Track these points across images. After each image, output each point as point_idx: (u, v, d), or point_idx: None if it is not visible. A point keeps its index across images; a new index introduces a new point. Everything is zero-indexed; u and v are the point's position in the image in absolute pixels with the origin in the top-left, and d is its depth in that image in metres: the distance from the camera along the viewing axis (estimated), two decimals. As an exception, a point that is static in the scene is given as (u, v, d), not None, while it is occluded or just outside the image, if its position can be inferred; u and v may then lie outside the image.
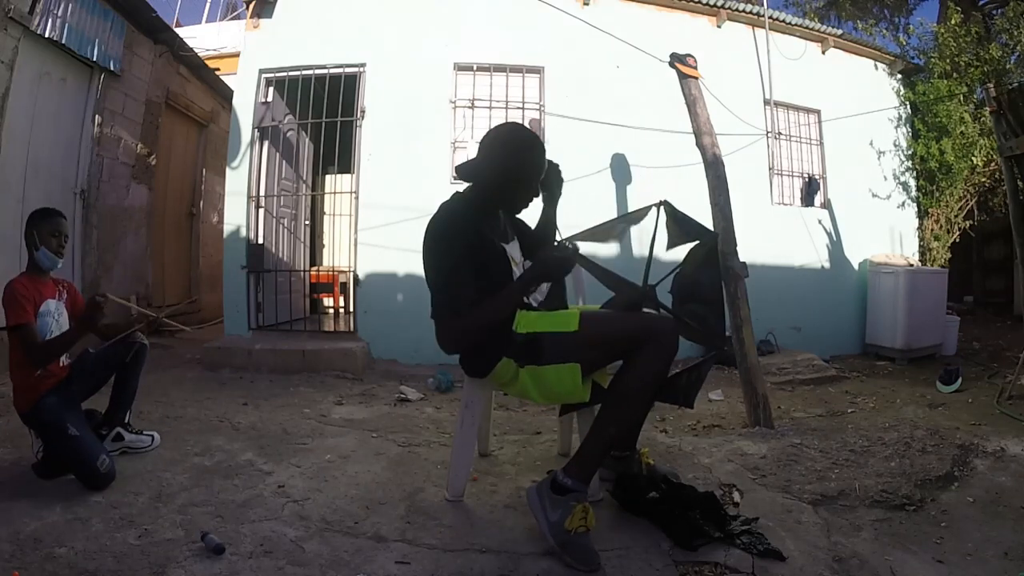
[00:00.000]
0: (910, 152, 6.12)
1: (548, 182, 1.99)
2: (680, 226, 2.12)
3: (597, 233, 2.38)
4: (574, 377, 1.67)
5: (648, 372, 1.65)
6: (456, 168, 1.95)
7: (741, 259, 3.15)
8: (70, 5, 4.27)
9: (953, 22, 6.14)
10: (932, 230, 6.16)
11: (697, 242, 2.06)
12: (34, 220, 2.21)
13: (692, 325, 1.89)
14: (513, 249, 1.90)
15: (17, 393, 2.11)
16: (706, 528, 1.68)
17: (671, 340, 1.68)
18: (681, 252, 2.13)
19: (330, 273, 5.91)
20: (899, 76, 6.26)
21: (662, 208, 2.06)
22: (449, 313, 1.71)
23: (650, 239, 2.02)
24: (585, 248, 1.94)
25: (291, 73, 4.82)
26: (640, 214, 2.17)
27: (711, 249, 2.04)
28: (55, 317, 2.20)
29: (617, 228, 2.51)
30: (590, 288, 2.50)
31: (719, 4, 5.36)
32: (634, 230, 2.52)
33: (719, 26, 5.48)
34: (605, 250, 4.03)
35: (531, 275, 1.72)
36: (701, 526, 1.68)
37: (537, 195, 1.89)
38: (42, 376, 2.10)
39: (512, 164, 1.78)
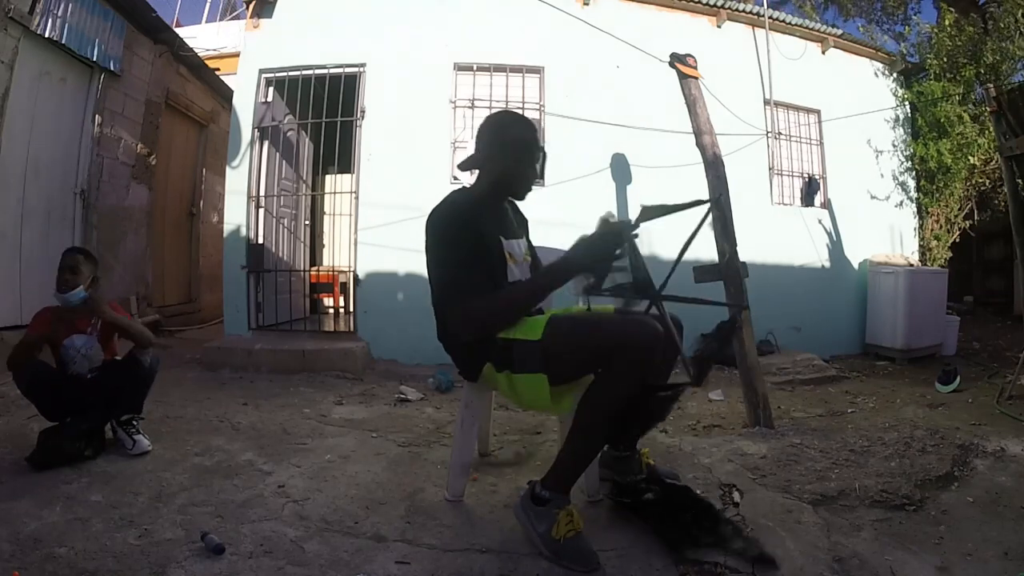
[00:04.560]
0: (909, 152, 6.12)
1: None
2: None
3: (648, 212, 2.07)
4: (541, 388, 1.59)
5: (618, 386, 1.55)
6: (458, 164, 1.96)
7: (741, 259, 3.14)
8: (70, 5, 4.27)
9: (947, 22, 6.14)
10: (932, 230, 6.16)
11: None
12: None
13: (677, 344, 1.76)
14: (514, 246, 1.87)
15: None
16: (698, 534, 1.66)
17: (644, 353, 1.53)
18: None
19: (330, 273, 5.91)
20: (899, 76, 6.27)
21: (711, 206, 1.94)
22: (464, 296, 1.65)
23: (686, 241, 1.86)
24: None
25: (291, 73, 4.81)
26: (689, 205, 1.97)
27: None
28: (82, 352, 2.30)
29: (658, 212, 2.19)
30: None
31: (719, 4, 5.36)
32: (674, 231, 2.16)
33: (719, 26, 5.47)
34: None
35: (568, 260, 1.58)
36: (694, 532, 1.66)
37: (537, 175, 1.86)
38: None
39: (503, 147, 1.80)
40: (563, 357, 1.60)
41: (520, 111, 4.96)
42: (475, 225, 1.71)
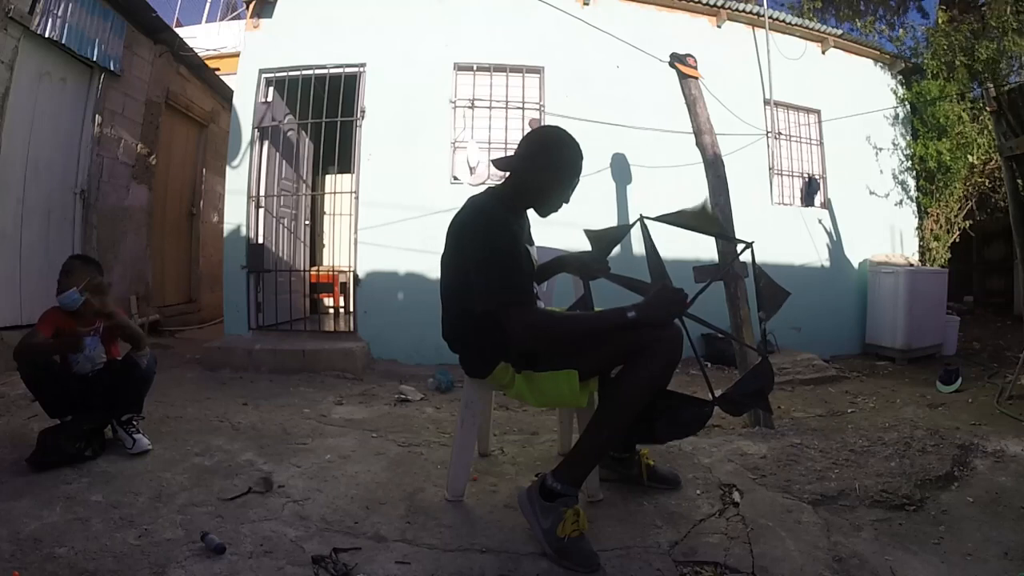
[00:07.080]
0: (909, 152, 6.12)
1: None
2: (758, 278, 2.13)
3: (682, 218, 2.07)
4: (571, 383, 1.65)
5: (646, 377, 1.61)
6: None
7: (741, 259, 3.14)
8: (70, 5, 4.27)
9: (941, 22, 6.14)
10: (932, 230, 6.16)
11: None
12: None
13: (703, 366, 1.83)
14: (533, 252, 1.89)
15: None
16: None
17: (672, 346, 1.61)
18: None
19: (330, 273, 5.91)
20: (899, 76, 6.27)
21: (748, 250, 2.05)
22: (513, 303, 1.60)
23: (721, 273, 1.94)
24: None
25: (291, 73, 4.82)
26: (726, 233, 2.04)
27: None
28: (85, 352, 2.36)
29: (692, 222, 2.16)
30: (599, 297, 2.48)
31: (719, 4, 5.37)
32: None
33: (719, 26, 5.48)
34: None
35: (642, 313, 1.60)
36: None
37: (567, 201, 1.83)
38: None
39: (550, 163, 1.76)
40: (596, 350, 1.66)
41: (520, 111, 4.97)
42: (516, 231, 1.72)
